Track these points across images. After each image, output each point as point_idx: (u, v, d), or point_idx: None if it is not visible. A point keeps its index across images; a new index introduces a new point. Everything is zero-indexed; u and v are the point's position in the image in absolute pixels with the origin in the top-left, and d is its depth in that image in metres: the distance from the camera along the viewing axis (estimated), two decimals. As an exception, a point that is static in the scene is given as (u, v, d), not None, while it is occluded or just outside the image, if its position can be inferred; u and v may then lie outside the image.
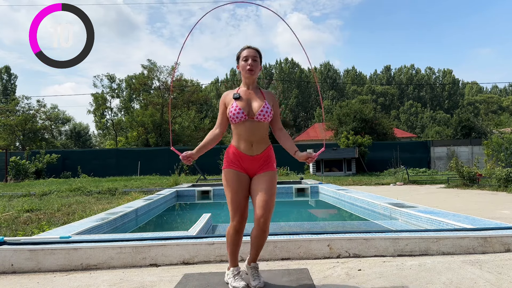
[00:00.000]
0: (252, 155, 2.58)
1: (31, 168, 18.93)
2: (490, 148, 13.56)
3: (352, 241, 3.28)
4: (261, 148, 2.60)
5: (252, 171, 2.61)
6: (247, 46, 2.67)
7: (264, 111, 2.56)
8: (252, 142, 2.58)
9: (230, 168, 2.61)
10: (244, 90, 2.66)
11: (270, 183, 2.55)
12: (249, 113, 2.56)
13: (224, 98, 2.68)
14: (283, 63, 63.93)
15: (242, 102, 2.58)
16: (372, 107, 28.09)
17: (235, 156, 2.61)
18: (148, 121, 30.90)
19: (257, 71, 2.63)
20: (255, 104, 2.59)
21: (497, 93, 72.51)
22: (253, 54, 2.62)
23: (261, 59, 2.69)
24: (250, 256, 2.66)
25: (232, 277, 2.57)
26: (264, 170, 2.59)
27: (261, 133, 2.60)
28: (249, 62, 2.59)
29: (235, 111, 2.55)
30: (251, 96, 2.62)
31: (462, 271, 2.80)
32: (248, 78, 2.63)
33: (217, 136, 2.71)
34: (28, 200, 8.60)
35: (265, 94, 2.66)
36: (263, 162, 2.60)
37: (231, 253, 2.64)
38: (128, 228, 5.18)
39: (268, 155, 2.62)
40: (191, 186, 11.02)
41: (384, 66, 70.36)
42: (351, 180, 14.65)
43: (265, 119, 2.57)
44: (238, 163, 2.60)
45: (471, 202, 7.61)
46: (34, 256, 3.08)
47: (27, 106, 37.19)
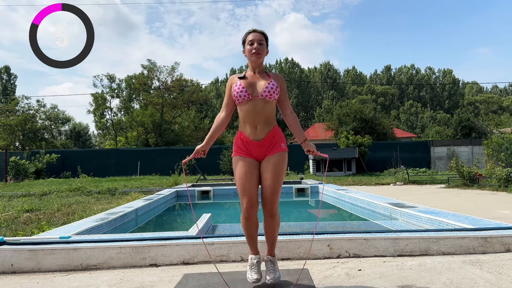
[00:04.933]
0: (257, 140, 2.54)
1: (31, 168, 18.92)
2: (490, 148, 13.55)
3: (352, 241, 3.28)
4: (266, 130, 2.55)
5: (261, 156, 2.59)
6: (253, 29, 2.62)
7: (269, 87, 2.51)
8: (256, 124, 2.53)
9: (238, 155, 2.60)
10: (250, 74, 2.62)
11: (276, 166, 2.52)
12: (253, 92, 2.52)
13: (231, 80, 2.65)
14: (283, 63, 63.93)
15: (246, 81, 2.55)
16: (372, 107, 28.12)
17: (242, 142, 2.59)
18: (148, 121, 30.90)
19: (263, 55, 2.59)
20: (260, 83, 2.54)
21: (497, 93, 72.54)
22: (258, 38, 2.57)
23: (267, 42, 2.64)
24: (267, 249, 2.68)
25: (249, 267, 2.59)
26: (272, 152, 2.56)
27: (266, 114, 2.54)
28: (255, 45, 2.55)
29: (239, 89, 2.51)
30: (257, 79, 2.58)
31: (462, 271, 2.79)
32: (254, 62, 2.58)
33: (223, 120, 2.68)
34: (28, 200, 8.60)
35: (272, 76, 2.61)
36: (270, 145, 2.57)
37: (248, 240, 2.64)
38: (128, 228, 5.18)
39: (273, 137, 2.58)
40: (191, 186, 11.02)
41: (384, 66, 70.42)
42: (351, 180, 14.64)
43: (270, 96, 2.51)
44: (246, 149, 2.58)
45: (471, 202, 7.60)
46: (34, 256, 3.08)
47: (27, 106, 37.23)
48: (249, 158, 2.57)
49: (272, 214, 2.53)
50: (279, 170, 2.52)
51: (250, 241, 2.63)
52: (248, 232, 2.60)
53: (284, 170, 2.58)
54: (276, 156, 2.54)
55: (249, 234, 2.61)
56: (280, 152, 2.57)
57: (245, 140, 2.57)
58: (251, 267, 2.57)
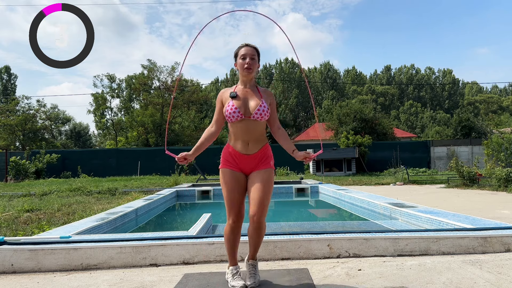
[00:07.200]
0: (248, 154, 2.58)
1: (31, 168, 18.93)
2: (490, 148, 13.56)
3: (352, 241, 3.28)
4: (257, 147, 2.60)
5: (248, 169, 2.62)
6: (245, 44, 2.64)
7: (260, 110, 2.54)
8: (248, 141, 2.57)
9: (226, 167, 2.62)
10: (241, 88, 2.64)
11: (265, 180, 2.54)
12: (245, 112, 2.55)
13: (221, 96, 2.67)
14: (283, 63, 63.89)
15: (238, 101, 2.57)
16: (372, 107, 28.09)
17: (231, 155, 2.62)
18: (148, 121, 30.91)
19: (254, 70, 2.61)
20: (251, 103, 2.57)
21: (497, 93, 72.47)
22: (250, 52, 2.59)
23: (259, 57, 2.67)
24: (249, 253, 2.67)
25: (231, 276, 2.58)
26: (260, 167, 2.59)
27: (257, 132, 2.59)
28: (247, 60, 2.58)
29: (231, 110, 2.53)
30: (248, 95, 2.61)
31: (462, 271, 2.80)
32: (246, 76, 2.61)
33: (213, 134, 2.70)
34: (28, 200, 8.60)
35: (262, 93, 2.64)
36: (259, 160, 2.61)
37: (229, 251, 2.64)
38: (128, 228, 5.18)
39: (264, 153, 2.62)
40: (191, 186, 11.02)
41: (384, 66, 70.39)
42: (351, 180, 14.64)
43: (261, 118, 2.55)
44: (234, 162, 2.61)
45: (471, 202, 7.60)
46: (34, 256, 3.08)
47: (27, 106, 37.25)
48: (237, 172, 2.60)
49: (260, 227, 2.54)
50: (268, 185, 2.55)
51: (231, 253, 2.63)
52: (231, 244, 2.61)
53: (272, 185, 2.60)
54: (266, 172, 2.58)
55: (232, 246, 2.62)
56: (269, 168, 2.61)
57: (234, 153, 2.60)
58: (233, 277, 2.56)
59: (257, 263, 2.67)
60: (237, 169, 2.61)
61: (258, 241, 2.61)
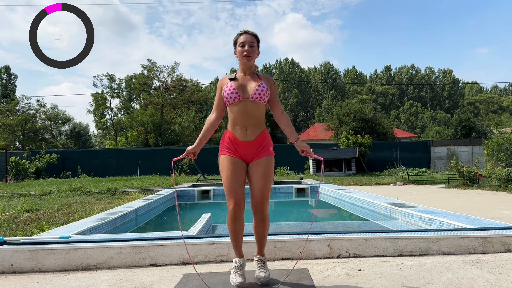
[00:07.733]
0: (247, 141, 2.55)
1: (31, 168, 18.92)
2: (490, 148, 13.55)
3: (352, 241, 3.28)
4: (255, 132, 2.56)
5: (248, 157, 2.59)
6: (244, 31, 2.62)
7: (259, 89, 2.52)
8: (246, 126, 2.54)
9: (225, 154, 2.60)
10: (241, 75, 2.62)
11: (266, 169, 2.53)
12: (243, 94, 2.52)
13: (221, 82, 2.65)
14: (283, 63, 63.89)
15: (237, 83, 2.55)
16: (372, 107, 28.09)
17: (230, 141, 2.59)
18: (148, 121, 30.92)
19: (254, 57, 2.59)
20: (251, 85, 2.55)
21: (497, 93, 72.50)
22: (250, 40, 2.57)
23: (258, 44, 2.65)
24: (256, 249, 2.68)
25: (234, 269, 2.57)
26: (260, 155, 2.57)
27: (256, 116, 2.55)
28: (246, 48, 2.55)
29: (229, 90, 2.51)
30: (247, 80, 2.59)
31: (462, 271, 2.79)
32: (245, 64, 2.59)
33: (214, 122, 2.68)
34: (28, 200, 8.60)
35: (263, 78, 2.63)
36: (258, 147, 2.58)
37: (233, 242, 2.63)
38: (128, 228, 5.18)
39: (263, 140, 2.59)
40: (191, 186, 11.01)
41: (384, 66, 70.41)
42: (351, 180, 14.64)
43: (260, 98, 2.52)
44: (234, 148, 2.58)
45: (471, 202, 7.60)
46: (34, 256, 3.08)
47: (27, 106, 37.26)
48: (236, 158, 2.57)
49: (263, 218, 2.54)
50: (269, 174, 2.53)
51: (236, 243, 2.62)
52: (234, 233, 2.58)
53: (272, 173, 2.59)
54: (266, 160, 2.56)
55: (235, 236, 2.59)
56: (269, 155, 2.59)
57: (233, 139, 2.57)
58: (235, 270, 2.55)
59: (265, 259, 2.66)
60: (236, 156, 2.57)
61: (263, 234, 2.59)
